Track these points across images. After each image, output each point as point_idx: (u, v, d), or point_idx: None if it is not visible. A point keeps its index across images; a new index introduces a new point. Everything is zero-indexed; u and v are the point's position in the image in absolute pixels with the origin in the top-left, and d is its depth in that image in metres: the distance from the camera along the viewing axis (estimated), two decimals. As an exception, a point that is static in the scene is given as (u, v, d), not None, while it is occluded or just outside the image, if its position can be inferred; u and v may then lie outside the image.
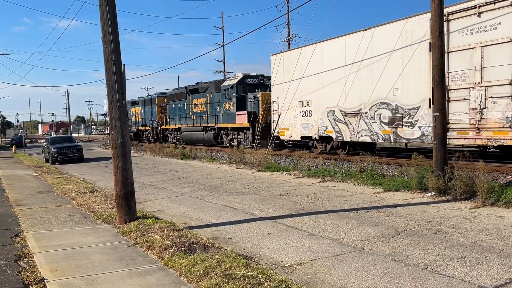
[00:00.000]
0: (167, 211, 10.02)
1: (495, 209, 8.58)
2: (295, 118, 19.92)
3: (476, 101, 12.49)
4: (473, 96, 12.57)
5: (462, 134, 13.03)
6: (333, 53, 17.42)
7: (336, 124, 17.53)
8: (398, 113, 14.85)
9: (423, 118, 14.00)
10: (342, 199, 10.31)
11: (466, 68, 12.73)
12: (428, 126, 13.54)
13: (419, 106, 14.12)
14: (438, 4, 10.33)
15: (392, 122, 15.08)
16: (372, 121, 15.85)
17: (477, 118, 12.52)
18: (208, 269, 5.43)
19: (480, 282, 4.98)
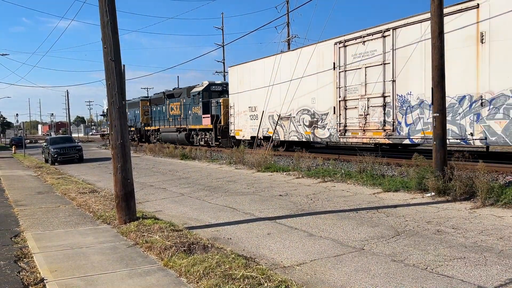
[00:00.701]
0: (167, 211, 10.02)
1: (494, 209, 8.58)
2: (246, 121, 23.61)
3: (362, 109, 16.21)
4: (360, 105, 16.29)
5: (354, 134, 16.76)
6: (276, 68, 20.80)
7: (274, 126, 21.17)
8: (315, 117, 18.58)
9: (330, 121, 17.77)
10: (342, 200, 10.31)
11: (356, 83, 16.41)
12: (333, 128, 17.61)
13: (328, 113, 17.85)
14: (438, 4, 10.34)
15: (311, 125, 18.77)
16: (298, 124, 19.65)
17: (363, 122, 16.23)
18: (208, 269, 5.44)
19: (479, 282, 4.98)
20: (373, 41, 15.69)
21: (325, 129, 17.96)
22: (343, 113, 17.01)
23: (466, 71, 12.68)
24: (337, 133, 17.24)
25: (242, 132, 23.99)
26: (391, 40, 14.99)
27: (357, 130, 16.47)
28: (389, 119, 15.18)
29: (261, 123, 21.98)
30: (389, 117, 15.19)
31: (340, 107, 17.18)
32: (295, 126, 19.74)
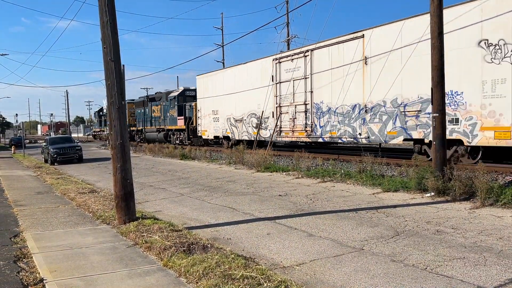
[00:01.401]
0: (166, 211, 10.02)
1: (494, 209, 8.58)
2: (210, 123, 27.45)
3: (291, 114, 20.08)
4: (290, 111, 20.14)
5: (286, 134, 20.47)
6: (232, 79, 24.84)
7: (231, 128, 24.95)
8: (258, 119, 22.39)
9: (270, 124, 21.44)
10: (342, 200, 10.31)
11: (288, 93, 20.29)
12: (272, 129, 21.09)
13: (269, 116, 21.60)
14: (438, 4, 10.34)
15: (257, 126, 22.50)
16: (248, 125, 23.44)
17: (292, 125, 19.97)
18: (208, 269, 5.44)
19: (479, 282, 4.98)
20: (298, 59, 19.54)
21: (267, 130, 21.91)
22: (279, 117, 20.90)
23: (357, 85, 16.39)
24: (275, 133, 21.08)
25: (207, 132, 27.93)
26: (310, 59, 18.86)
27: (288, 131, 20.36)
28: (309, 122, 19.02)
29: (221, 125, 26.14)
30: (309, 120, 19.01)
31: (277, 112, 20.96)
32: (246, 127, 23.70)
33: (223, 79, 25.75)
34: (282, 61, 20.55)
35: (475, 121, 12.59)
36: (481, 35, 12.30)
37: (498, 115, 12.00)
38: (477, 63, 12.43)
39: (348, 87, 16.68)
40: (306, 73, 19.01)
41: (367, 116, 15.86)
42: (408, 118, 14.40)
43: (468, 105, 12.75)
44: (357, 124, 16.38)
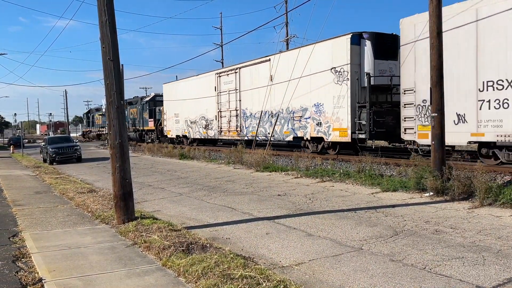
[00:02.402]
0: (165, 211, 10.02)
1: (493, 209, 8.60)
2: (173, 124, 32.32)
3: (228, 118, 25.33)
4: (227, 115, 25.36)
5: (225, 134, 25.83)
6: (189, 88, 29.95)
7: (188, 128, 30.24)
8: (208, 122, 27.52)
9: (214, 125, 26.67)
10: (341, 199, 10.32)
11: (225, 101, 25.43)
12: (216, 130, 26.52)
13: (213, 119, 26.77)
14: (436, 4, 10.35)
15: (206, 127, 27.70)
16: (200, 126, 28.55)
17: (228, 126, 25.29)
18: (207, 269, 5.43)
19: (478, 282, 4.99)
20: (232, 74, 24.72)
21: (212, 130, 27.16)
22: (220, 120, 26.12)
23: (266, 97, 21.64)
24: (217, 133, 26.45)
25: (171, 132, 32.79)
26: (239, 75, 24.11)
27: (226, 131, 25.70)
28: (239, 124, 24.25)
29: (181, 126, 31.23)
30: (239, 123, 24.25)
31: (218, 116, 26.25)
32: (198, 128, 28.82)
33: (183, 87, 30.89)
34: (222, 76, 25.83)
35: (330, 124, 17.67)
36: (331, 64, 17.52)
37: (341, 120, 17.08)
38: (330, 84, 17.54)
39: (261, 98, 22.10)
40: (237, 86, 24.28)
41: (273, 120, 21.27)
42: (295, 122, 19.79)
43: (326, 113, 17.85)
44: (267, 126, 21.97)
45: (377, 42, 16.64)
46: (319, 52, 18.10)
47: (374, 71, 16.43)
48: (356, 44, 16.70)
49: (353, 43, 16.66)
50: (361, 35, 16.78)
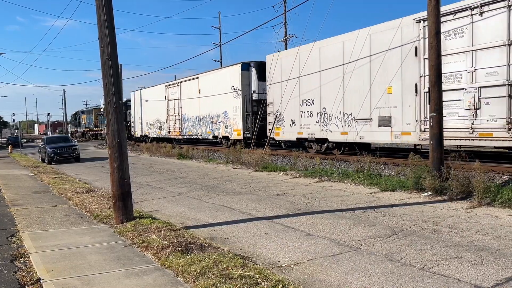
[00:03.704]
0: (164, 211, 10.01)
1: (491, 209, 8.61)
2: (138, 125, 39.23)
3: (174, 121, 32.16)
4: (173, 119, 32.12)
5: (173, 133, 32.29)
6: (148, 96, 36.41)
7: (148, 129, 37.29)
8: (160, 124, 34.46)
9: (165, 126, 33.29)
10: (339, 199, 10.33)
11: (172, 107, 32.06)
12: (166, 130, 33.14)
13: (165, 122, 33.37)
14: (435, 4, 10.37)
15: (160, 128, 34.63)
16: (156, 127, 35.37)
17: (174, 128, 32.10)
18: (205, 269, 5.43)
19: (476, 281, 4.99)
20: (176, 87, 31.45)
21: (164, 130, 33.80)
22: (168, 123, 32.92)
23: (196, 105, 28.49)
24: (167, 133, 33.21)
25: (137, 132, 39.70)
26: (180, 88, 30.93)
27: (173, 131, 32.45)
28: (180, 126, 30.97)
29: (144, 127, 38.17)
30: (181, 125, 30.93)
31: (168, 119, 33.00)
32: (155, 129, 35.58)
33: (144, 95, 37.50)
34: (169, 87, 32.65)
35: (232, 127, 24.66)
36: (231, 84, 24.31)
37: (238, 124, 23.90)
38: (231, 98, 24.34)
39: (194, 106, 28.80)
40: (179, 96, 31.07)
41: (201, 123, 28.17)
42: (213, 124, 26.69)
43: (230, 119, 24.77)
44: (197, 127, 28.77)
45: (260, 68, 22.99)
46: (224, 75, 25.39)
47: (258, 89, 23.41)
48: (246, 70, 23.68)
49: (243, 69, 23.66)
50: (249, 64, 23.78)
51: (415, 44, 14.07)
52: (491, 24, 12.20)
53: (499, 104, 12.08)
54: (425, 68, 13.40)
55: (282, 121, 20.49)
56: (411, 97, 14.44)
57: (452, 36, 13.16)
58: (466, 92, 12.79)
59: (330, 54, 17.59)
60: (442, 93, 10.64)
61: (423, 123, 13.86)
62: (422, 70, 13.87)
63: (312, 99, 18.66)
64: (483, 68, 12.43)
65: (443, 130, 10.74)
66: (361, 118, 16.36)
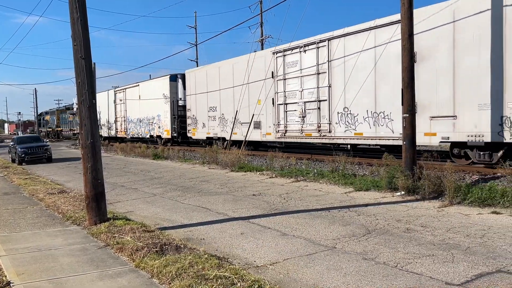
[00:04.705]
0: (138, 212, 9.89)
1: (461, 207, 8.83)
2: None
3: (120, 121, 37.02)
4: (120, 120, 36.91)
5: (119, 133, 37.32)
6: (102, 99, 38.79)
7: (101, 130, 38.64)
8: (110, 125, 38.81)
9: (114, 127, 37.82)
10: (314, 199, 10.41)
11: (119, 110, 36.89)
12: (115, 130, 37.86)
13: (114, 123, 37.59)
14: (408, 7, 10.57)
15: (109, 128, 39.05)
16: (106, 128, 39.48)
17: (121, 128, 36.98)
18: (181, 270, 5.40)
19: (447, 279, 5.11)
20: (123, 92, 35.96)
21: (113, 130, 38.30)
22: (116, 124, 37.57)
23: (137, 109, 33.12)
24: (115, 133, 37.69)
25: None
26: (125, 93, 35.52)
27: (119, 131, 37.05)
28: (126, 127, 35.72)
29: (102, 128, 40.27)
30: (126, 125, 35.57)
31: (115, 120, 37.67)
32: (106, 129, 39.48)
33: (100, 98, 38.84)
34: (117, 92, 37.06)
35: (163, 128, 29.43)
36: (163, 92, 29.25)
37: (167, 125, 28.74)
38: (163, 104, 29.28)
39: (136, 109, 33.52)
40: (124, 100, 35.60)
41: (141, 124, 32.83)
42: (150, 125, 31.49)
43: (162, 121, 29.39)
44: (138, 128, 33.49)
45: (184, 80, 27.36)
46: (158, 84, 30.37)
47: (183, 97, 27.85)
48: (173, 81, 28.71)
49: (172, 80, 28.70)
50: (176, 76, 28.67)
51: (271, 70, 19.49)
52: (309, 59, 17.51)
53: (314, 114, 17.44)
54: (277, 87, 19.21)
55: (197, 123, 25.79)
56: (271, 107, 19.63)
57: (292, 65, 18.49)
58: (298, 105, 18.13)
59: (226, 72, 22.89)
60: (415, 95, 10.86)
61: (277, 126, 19.37)
62: (276, 88, 19.28)
63: (215, 106, 23.88)
64: (307, 89, 17.75)
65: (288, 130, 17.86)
66: (245, 122, 21.43)
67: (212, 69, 24.30)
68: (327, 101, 16.78)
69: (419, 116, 12.75)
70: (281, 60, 18.95)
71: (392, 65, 14.07)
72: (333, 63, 16.43)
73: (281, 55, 18.95)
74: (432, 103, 13.07)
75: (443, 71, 12.70)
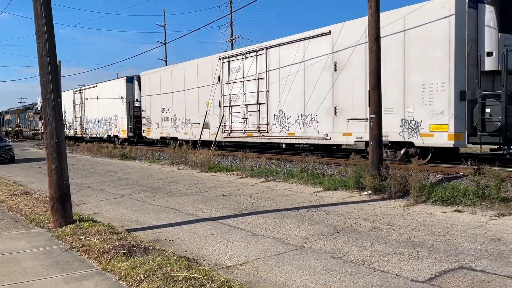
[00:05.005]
0: (105, 213, 9.69)
1: (426, 206, 9.09)
2: None
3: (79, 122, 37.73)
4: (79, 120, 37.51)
5: (78, 133, 37.92)
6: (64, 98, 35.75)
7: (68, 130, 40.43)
8: (69, 124, 38.91)
9: (73, 126, 38.99)
10: (284, 199, 10.48)
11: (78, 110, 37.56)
12: (74, 129, 38.58)
13: (73, 123, 39.01)
14: (375, 10, 10.79)
15: (69, 128, 38.99)
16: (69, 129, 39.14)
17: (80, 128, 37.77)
18: (149, 272, 5.32)
19: (412, 276, 5.25)
20: (81, 93, 36.53)
21: (72, 130, 38.77)
22: (75, 123, 38.27)
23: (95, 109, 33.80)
24: (74, 132, 38.32)
25: None
26: (84, 94, 36.11)
27: (78, 131, 37.68)
28: (84, 127, 36.47)
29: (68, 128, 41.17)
30: (84, 126, 36.54)
31: (75, 121, 38.40)
32: (68, 129, 39.07)
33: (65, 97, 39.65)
34: (76, 93, 37.68)
35: (120, 127, 30.29)
36: (120, 93, 29.74)
37: (124, 125, 29.63)
38: (120, 104, 29.78)
39: (94, 110, 33.98)
40: (82, 101, 36.34)
41: (99, 124, 33.51)
42: (107, 125, 32.21)
43: (119, 121, 30.34)
44: (96, 128, 34.14)
45: (139, 82, 28.35)
46: (115, 85, 30.92)
47: (139, 98, 28.71)
48: (130, 83, 29.44)
49: (128, 82, 29.42)
50: (133, 77, 29.46)
51: (218, 74, 20.91)
52: (250, 65, 18.95)
53: (255, 116, 18.94)
54: (223, 91, 20.62)
55: (151, 124, 26.89)
56: (218, 109, 21.10)
57: (235, 71, 19.86)
58: (242, 107, 19.57)
59: (177, 76, 24.15)
60: (381, 96, 11.10)
61: (224, 127, 20.67)
62: (222, 91, 20.66)
63: (168, 108, 25.10)
64: (248, 93, 19.22)
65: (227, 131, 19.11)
66: (195, 122, 22.72)
67: (165, 72, 25.82)
68: (265, 104, 18.38)
69: (339, 118, 15.12)
70: (226, 66, 20.43)
71: (318, 73, 15.77)
72: (270, 69, 18.10)
73: (226, 61, 20.46)
74: (349, 107, 14.74)
75: (357, 79, 14.27)
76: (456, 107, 12.02)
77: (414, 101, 12.78)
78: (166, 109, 25.34)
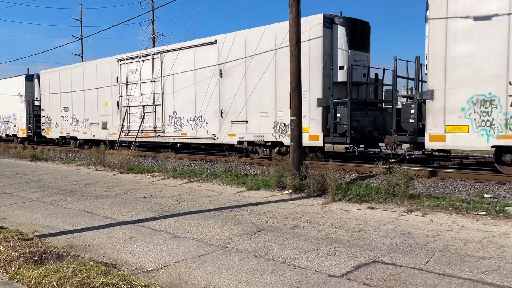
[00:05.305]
0: (13, 218, 8.98)
1: (342, 204, 9.53)
2: None
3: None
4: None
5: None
6: None
7: None
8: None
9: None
10: (207, 199, 10.43)
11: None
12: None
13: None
14: (295, 15, 11.12)
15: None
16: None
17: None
18: (63, 279, 5.02)
19: (330, 271, 5.47)
20: None
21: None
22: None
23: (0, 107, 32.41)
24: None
25: None
26: None
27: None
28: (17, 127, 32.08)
29: None
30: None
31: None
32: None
33: None
34: None
35: (19, 126, 29.97)
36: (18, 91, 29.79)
37: (23, 124, 29.73)
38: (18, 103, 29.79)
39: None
40: None
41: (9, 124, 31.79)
42: (6, 124, 31.94)
43: (18, 120, 30.50)
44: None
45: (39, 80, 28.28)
46: (13, 83, 30.28)
47: (39, 97, 28.45)
48: (29, 81, 29.26)
49: (27, 80, 29.29)
50: (33, 76, 29.32)
51: (116, 75, 21.93)
52: (147, 68, 20.15)
53: (151, 116, 20.16)
54: (121, 91, 21.65)
55: (50, 123, 27.14)
56: (116, 109, 22.08)
57: (133, 73, 20.98)
58: (139, 108, 20.76)
59: (77, 75, 24.59)
60: (302, 99, 11.45)
61: (122, 126, 21.50)
62: (121, 92, 21.70)
63: (68, 107, 25.58)
64: (145, 94, 20.42)
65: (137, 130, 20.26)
66: (94, 122, 23.59)
67: (65, 71, 26.15)
68: (161, 105, 19.60)
69: (225, 120, 16.81)
70: (124, 67, 21.47)
71: (207, 78, 17.38)
72: (165, 73, 19.38)
73: (124, 63, 21.49)
74: (233, 110, 16.47)
75: (239, 86, 16.13)
76: (314, 112, 14.17)
77: (284, 107, 14.36)
78: (65, 109, 25.79)
